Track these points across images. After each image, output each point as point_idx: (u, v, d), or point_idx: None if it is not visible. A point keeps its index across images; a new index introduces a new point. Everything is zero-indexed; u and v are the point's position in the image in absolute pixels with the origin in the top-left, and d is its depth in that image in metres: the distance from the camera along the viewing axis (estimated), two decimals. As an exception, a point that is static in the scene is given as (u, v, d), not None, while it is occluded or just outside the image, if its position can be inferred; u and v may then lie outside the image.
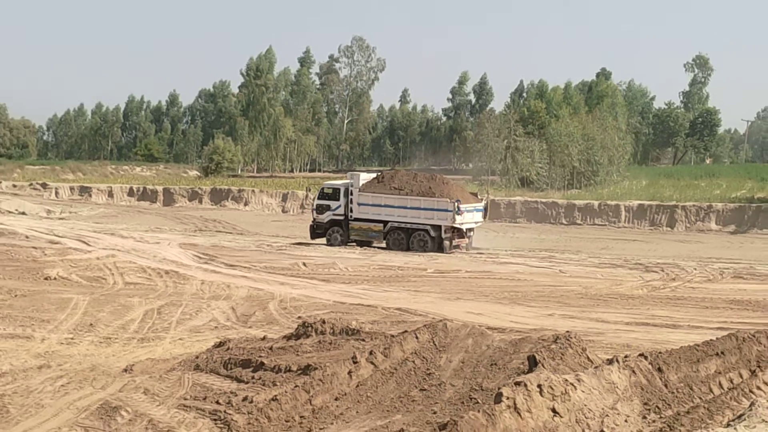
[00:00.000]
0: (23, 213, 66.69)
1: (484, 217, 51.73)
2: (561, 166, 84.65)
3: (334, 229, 50.15)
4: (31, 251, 41.33)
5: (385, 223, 47.98)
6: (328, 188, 52.40)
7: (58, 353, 21.11)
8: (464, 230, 47.23)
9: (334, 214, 50.17)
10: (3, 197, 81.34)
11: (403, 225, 47.52)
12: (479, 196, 52.79)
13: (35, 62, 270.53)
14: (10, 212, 66.61)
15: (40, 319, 25.09)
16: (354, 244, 49.08)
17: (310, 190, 63.83)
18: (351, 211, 49.40)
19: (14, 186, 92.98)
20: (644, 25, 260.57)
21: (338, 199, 50.13)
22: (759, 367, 16.64)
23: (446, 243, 46.06)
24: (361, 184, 49.65)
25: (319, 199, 52.19)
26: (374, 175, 52.76)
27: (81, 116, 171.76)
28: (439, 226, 46.27)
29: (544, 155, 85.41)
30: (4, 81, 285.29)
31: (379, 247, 48.19)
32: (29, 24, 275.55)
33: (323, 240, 50.28)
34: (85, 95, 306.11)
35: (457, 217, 45.80)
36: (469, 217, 47.70)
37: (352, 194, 49.44)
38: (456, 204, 45.80)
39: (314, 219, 51.87)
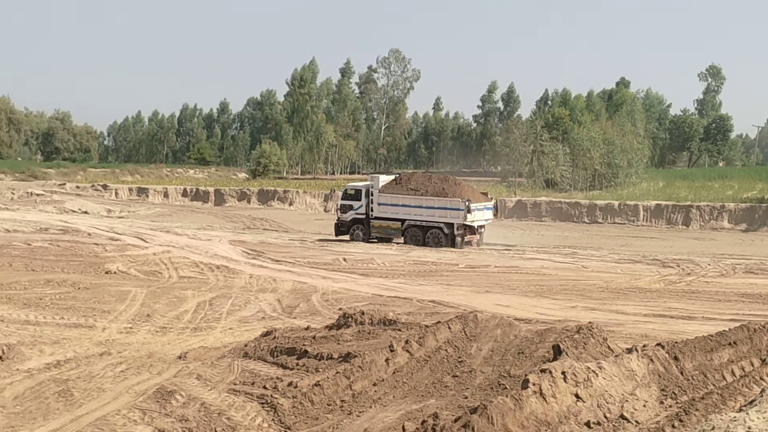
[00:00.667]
0: (86, 212, 67.08)
1: (495, 215, 52.64)
2: (583, 168, 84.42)
3: (357, 226, 50.83)
4: (93, 247, 41.57)
5: (403, 221, 48.64)
6: (351, 189, 53.40)
7: (117, 341, 21.23)
8: (475, 227, 47.85)
9: (357, 213, 50.91)
10: (67, 198, 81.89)
11: (419, 223, 48.07)
12: (489, 196, 53.62)
13: (97, 72, 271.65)
14: (74, 211, 67.03)
15: (102, 310, 25.24)
16: (376, 240, 49.88)
17: (334, 191, 64.57)
18: (372, 210, 50.07)
19: (77, 187, 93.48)
20: (660, 37, 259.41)
21: (360, 200, 50.84)
22: (769, 356, 16.55)
23: (458, 239, 46.63)
24: (380, 186, 50.37)
25: (342, 199, 53.43)
26: (393, 177, 53.34)
27: (139, 123, 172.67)
28: (452, 224, 46.88)
29: (567, 158, 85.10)
30: (69, 90, 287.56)
31: (398, 243, 48.84)
32: (93, 37, 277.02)
33: (346, 237, 50.80)
34: (143, 103, 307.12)
35: (468, 215, 46.49)
36: (480, 215, 48.33)
37: (372, 195, 50.10)
38: (467, 203, 46.52)
39: (338, 218, 52.84)
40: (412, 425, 13.06)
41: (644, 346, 16.18)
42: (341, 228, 51.77)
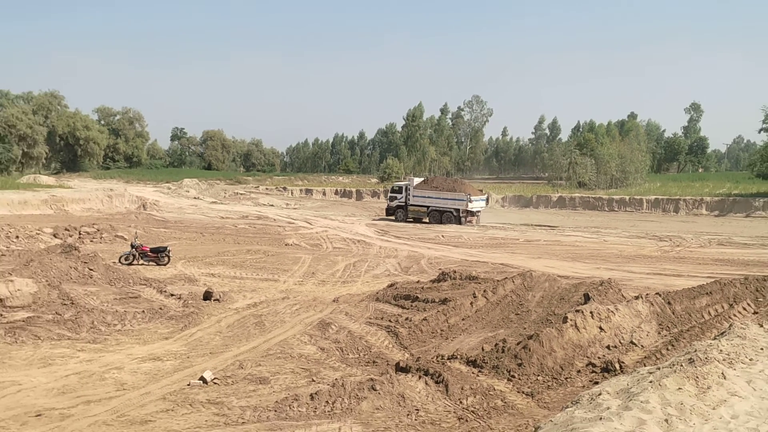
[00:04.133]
0: (272, 205, 68.19)
1: (486, 204, 53.33)
2: (604, 174, 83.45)
3: (399, 210, 51.97)
4: (277, 228, 42.31)
5: (428, 207, 49.96)
6: (396, 187, 54.00)
7: (293, 290, 21.56)
8: (474, 212, 48.84)
9: (399, 202, 52.12)
10: (260, 196, 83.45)
11: (438, 208, 49.35)
12: (483, 192, 55.62)
13: (278, 112, 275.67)
14: (264, 205, 68.25)
15: (282, 269, 25.68)
16: (411, 220, 50.96)
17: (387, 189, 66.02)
18: (408, 200, 51.21)
19: (266, 189, 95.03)
20: (658, 84, 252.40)
21: (401, 193, 51.98)
22: (735, 302, 16.41)
23: (462, 219, 48.00)
24: (414, 185, 51.64)
25: (391, 193, 54.38)
26: (422, 179, 54.79)
27: (305, 146, 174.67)
28: (459, 209, 48.25)
29: (593, 167, 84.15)
30: (261, 123, 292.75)
31: (425, 222, 50.13)
32: (275, 90, 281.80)
33: (392, 217, 52.53)
34: (308, 133, 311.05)
35: (469, 204, 48.02)
36: (477, 204, 49.37)
37: (409, 190, 51.32)
38: (468, 196, 48.33)
39: (388, 205, 54.12)
40: (488, 346, 13.05)
41: (647, 294, 15.96)
42: (389, 212, 53.21)
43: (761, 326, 11.31)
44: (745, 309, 16.01)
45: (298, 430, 9.43)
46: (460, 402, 10.50)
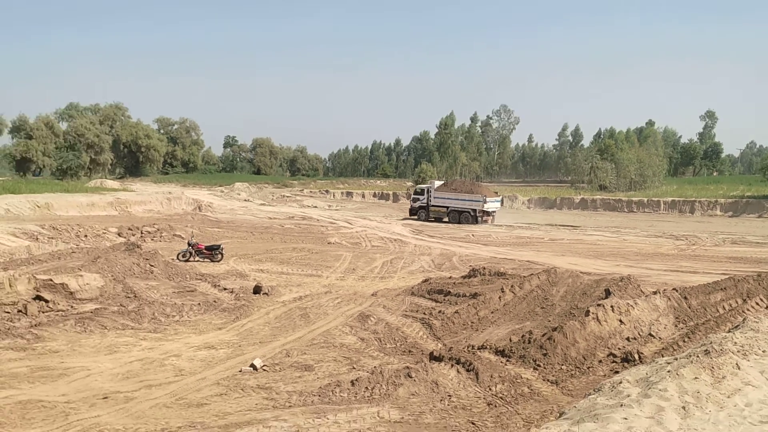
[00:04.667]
0: (315, 207, 68.45)
1: (501, 205, 53.49)
2: (624, 177, 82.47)
3: (421, 211, 52.12)
4: (320, 228, 42.49)
5: (448, 207, 50.04)
6: (419, 189, 54.61)
7: (335, 285, 21.64)
8: (490, 212, 48.92)
9: (421, 203, 52.32)
10: (304, 198, 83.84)
11: (456, 209, 49.39)
12: (497, 194, 55.19)
13: (322, 121, 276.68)
14: (308, 206, 68.57)
15: (325, 266, 25.77)
16: (433, 220, 50.98)
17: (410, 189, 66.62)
18: (430, 201, 51.42)
19: (310, 192, 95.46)
20: (675, 92, 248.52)
21: (423, 195, 52.29)
22: (748, 297, 16.12)
23: (479, 218, 48.06)
24: (435, 187, 51.99)
25: (414, 194, 54.65)
26: (442, 182, 55.72)
27: (346, 152, 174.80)
28: (476, 209, 48.34)
29: (613, 171, 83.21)
30: (307, 134, 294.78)
31: (445, 221, 50.08)
32: (318, 93, 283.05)
33: (415, 217, 52.59)
34: (349, 140, 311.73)
35: (485, 205, 48.22)
36: (492, 205, 49.46)
37: (430, 192, 51.59)
38: (484, 197, 48.65)
39: (411, 205, 54.29)
40: (515, 337, 13.00)
41: (664, 290, 15.76)
42: (413, 212, 53.30)
43: (774, 320, 11.15)
44: (758, 304, 15.78)
45: (340, 413, 9.47)
46: (490, 389, 10.47)
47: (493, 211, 49.43)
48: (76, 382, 11.27)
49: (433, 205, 51.11)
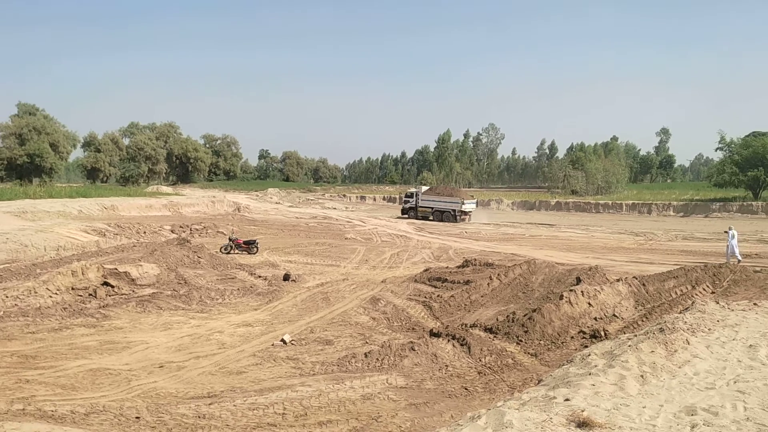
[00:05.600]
0: (334, 208, 68.41)
1: (476, 206, 52.99)
2: (592, 184, 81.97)
3: (410, 211, 51.87)
4: (338, 226, 42.47)
5: (432, 208, 49.73)
6: (409, 193, 54.61)
7: (351, 273, 21.63)
8: (467, 212, 48.71)
9: (411, 205, 52.06)
10: (325, 201, 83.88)
11: (439, 209, 49.15)
12: (473, 197, 54.83)
13: (341, 135, 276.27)
14: (328, 208, 68.58)
15: (343, 257, 25.74)
16: (421, 218, 50.41)
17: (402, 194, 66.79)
18: (418, 203, 51.19)
19: (330, 196, 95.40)
20: (635, 113, 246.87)
21: (413, 197, 52.21)
22: (696, 284, 16.05)
23: (458, 217, 47.75)
24: (422, 191, 52.30)
25: (405, 197, 54.43)
26: (428, 187, 56.27)
27: (360, 163, 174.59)
28: (455, 209, 48.14)
29: (583, 179, 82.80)
30: (325, 147, 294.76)
31: (431, 220, 49.51)
32: (338, 111, 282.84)
33: (406, 216, 52.10)
34: (362, 152, 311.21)
35: (462, 206, 48.08)
36: (469, 206, 49.23)
37: (418, 195, 51.66)
38: (462, 200, 48.64)
39: (402, 206, 54.18)
40: (501, 317, 12.96)
41: (626, 278, 15.66)
42: (404, 212, 53.10)
43: (717, 303, 11.12)
44: (704, 290, 15.70)
45: (355, 380, 9.49)
46: (480, 360, 10.47)
47: (470, 211, 49.76)
48: (137, 353, 11.34)
49: (420, 206, 50.89)
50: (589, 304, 12.89)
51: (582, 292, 13.08)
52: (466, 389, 9.30)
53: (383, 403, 8.69)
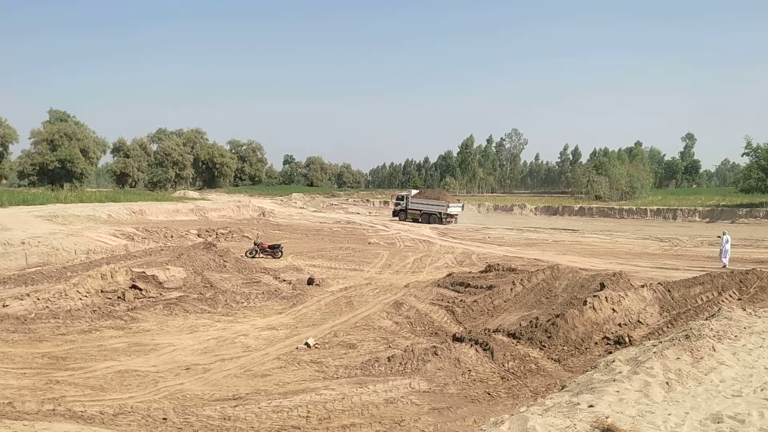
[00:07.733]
0: (358, 213, 68.51)
1: (462, 209, 54.35)
2: (616, 189, 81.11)
3: (401, 213, 53.42)
4: (361, 230, 42.52)
5: (421, 210, 51.25)
6: (399, 196, 56.08)
7: (374, 278, 21.63)
8: (453, 214, 50.33)
9: (401, 207, 53.69)
10: (349, 206, 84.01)
11: (427, 211, 50.70)
12: (459, 200, 57.16)
13: (364, 142, 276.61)
14: (352, 213, 68.71)
15: (366, 262, 25.76)
16: (411, 220, 51.56)
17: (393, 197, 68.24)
18: (408, 206, 52.77)
19: (354, 201, 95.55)
20: (661, 119, 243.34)
21: (403, 200, 53.84)
22: (723, 290, 15.80)
23: (444, 220, 49.27)
24: (412, 195, 53.84)
25: (396, 200, 56.22)
26: (417, 191, 58.13)
27: (384, 168, 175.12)
28: (441, 212, 49.73)
29: (607, 184, 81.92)
30: (349, 153, 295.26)
31: (419, 221, 50.88)
32: (361, 118, 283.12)
33: (396, 218, 53.92)
34: (386, 157, 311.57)
35: (448, 209, 49.71)
36: (454, 209, 50.84)
37: (408, 199, 53.16)
38: (447, 203, 50.23)
39: (393, 209, 56.29)
40: (524, 322, 12.88)
41: (651, 283, 15.47)
42: (395, 214, 54.87)
43: (744, 310, 10.94)
44: (731, 296, 15.45)
45: (379, 384, 9.49)
46: (503, 365, 10.40)
47: (455, 214, 51.06)
48: (164, 355, 11.47)
49: (410, 209, 52.42)
50: (613, 309, 12.75)
51: (606, 297, 12.95)
52: (489, 394, 9.25)
53: (406, 408, 8.68)
